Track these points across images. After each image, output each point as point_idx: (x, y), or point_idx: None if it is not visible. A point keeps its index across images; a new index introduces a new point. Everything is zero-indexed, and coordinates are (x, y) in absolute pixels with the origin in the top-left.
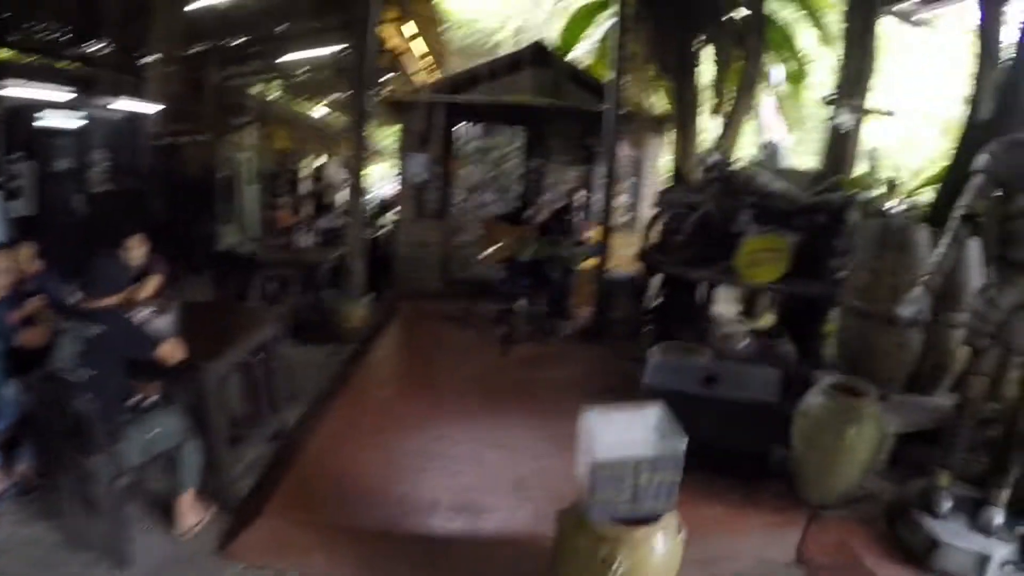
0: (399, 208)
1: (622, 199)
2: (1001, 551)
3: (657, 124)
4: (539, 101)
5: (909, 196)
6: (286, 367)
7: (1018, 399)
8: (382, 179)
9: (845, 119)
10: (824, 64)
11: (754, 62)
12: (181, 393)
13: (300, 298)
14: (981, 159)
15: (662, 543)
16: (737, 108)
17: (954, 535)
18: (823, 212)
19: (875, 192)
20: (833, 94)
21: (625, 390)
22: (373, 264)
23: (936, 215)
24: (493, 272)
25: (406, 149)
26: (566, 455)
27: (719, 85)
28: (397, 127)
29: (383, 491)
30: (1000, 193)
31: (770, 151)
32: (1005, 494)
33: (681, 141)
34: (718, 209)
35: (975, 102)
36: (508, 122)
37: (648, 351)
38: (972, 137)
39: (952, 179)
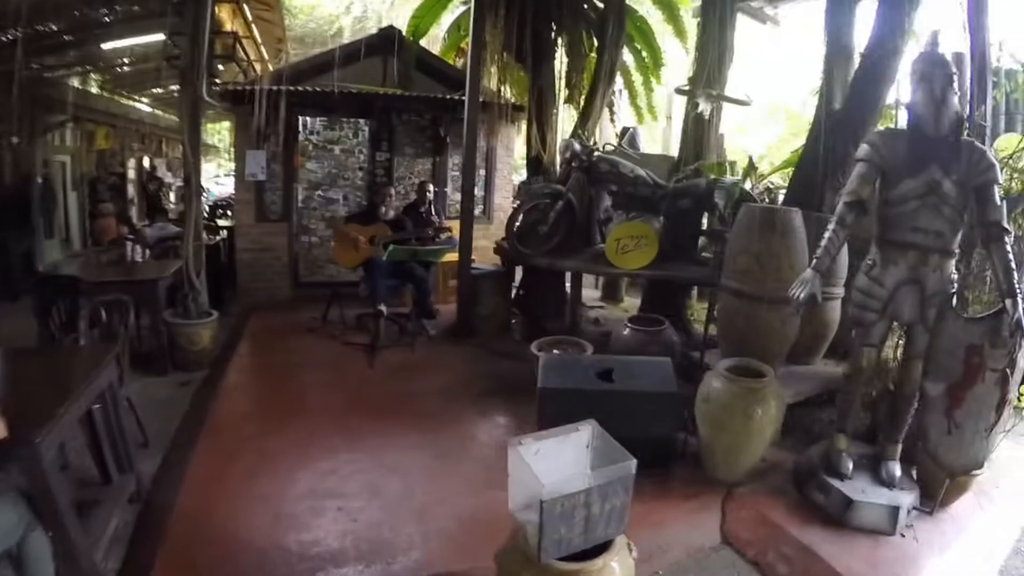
0: (238, 211)
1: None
2: (907, 499)
3: (511, 113)
4: (387, 90)
5: (762, 179)
6: (132, 411)
7: (902, 363)
8: (219, 179)
9: (704, 106)
10: (676, 56)
11: (611, 51)
12: (11, 477)
13: (138, 324)
14: (863, 149)
15: (619, 568)
16: (594, 97)
17: (863, 492)
18: (688, 197)
19: (733, 177)
20: (686, 85)
21: (510, 392)
22: (215, 275)
23: (794, 197)
24: (347, 274)
25: (244, 145)
26: (461, 471)
27: (574, 74)
28: (233, 121)
29: (278, 549)
30: (879, 180)
31: (629, 138)
32: (898, 448)
33: (538, 130)
34: (581, 198)
35: (826, 94)
36: (354, 113)
37: (529, 350)
38: (825, 127)
39: (805, 165)
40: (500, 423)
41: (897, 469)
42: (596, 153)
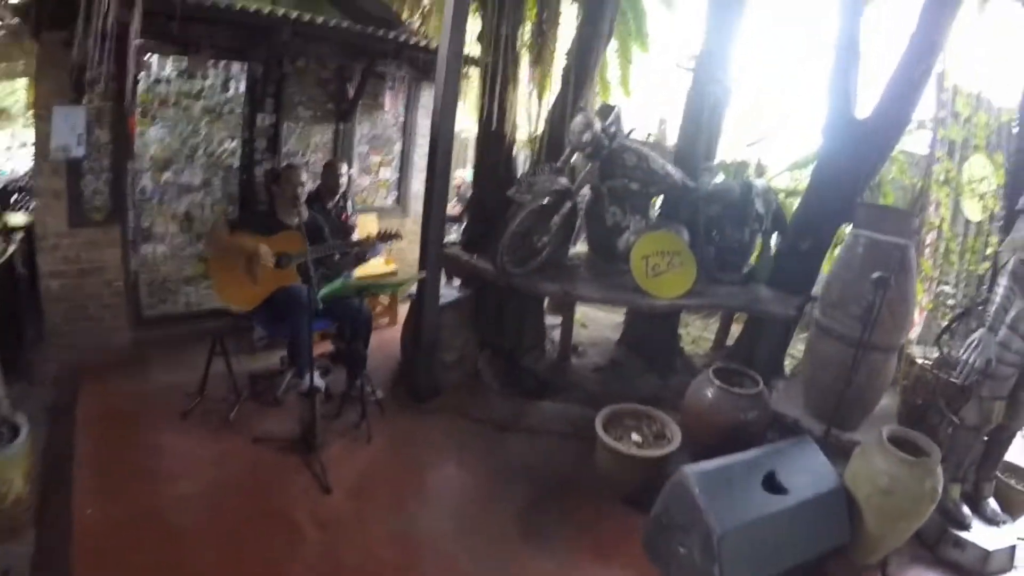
0: (40, 209)
1: (385, 174)
2: (1015, 532)
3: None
4: (286, 11)
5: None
6: None
7: (1011, 406)
8: (10, 151)
9: (717, 90)
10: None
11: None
12: None
13: None
14: None
15: None
16: (587, 58)
17: (992, 538)
18: (718, 203)
19: (761, 180)
20: (690, 60)
21: (557, 496)
22: (6, 314)
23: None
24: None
25: (49, 98)
26: None
27: (547, 26)
28: (36, 58)
29: None
30: None
31: (614, 120)
32: (994, 485)
33: (499, 96)
34: (597, 199)
35: (842, 97)
36: (226, 52)
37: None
38: (846, 135)
39: (826, 178)
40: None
41: (996, 505)
42: (619, 140)
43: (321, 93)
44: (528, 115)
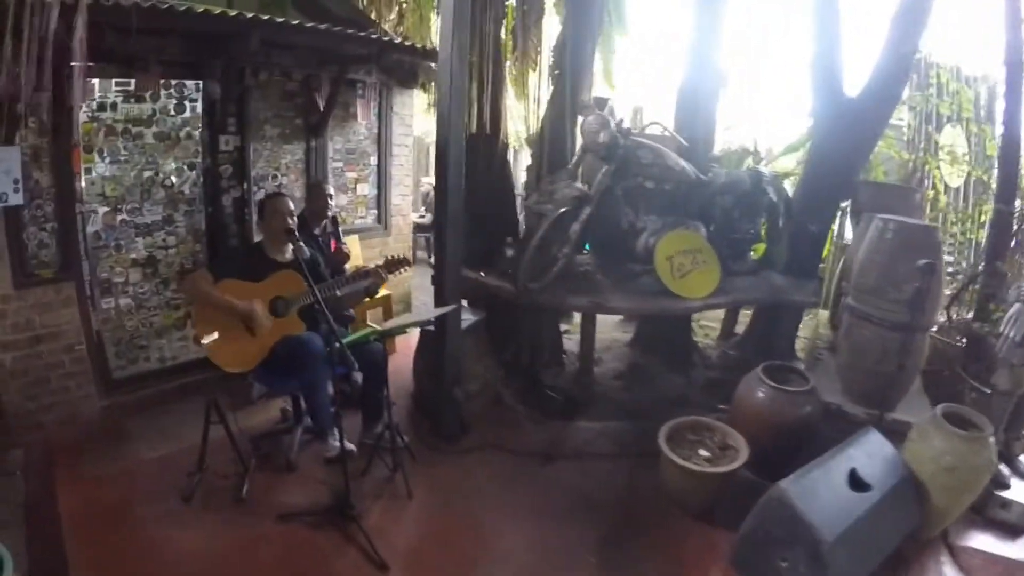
0: None
1: (363, 190)
2: None
3: (414, 66)
4: (251, 14)
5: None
6: None
7: None
8: None
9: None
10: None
11: None
12: None
13: None
14: None
15: None
16: (582, 52)
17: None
18: (730, 194)
19: (767, 169)
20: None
21: (626, 521)
22: None
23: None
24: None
25: None
26: None
27: (532, 17)
28: None
29: None
30: None
31: (609, 112)
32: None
33: (490, 96)
34: (614, 202)
35: (829, 77)
36: (177, 69)
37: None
38: (836, 114)
39: (822, 158)
40: None
41: None
42: (632, 137)
43: (288, 107)
44: (524, 117)
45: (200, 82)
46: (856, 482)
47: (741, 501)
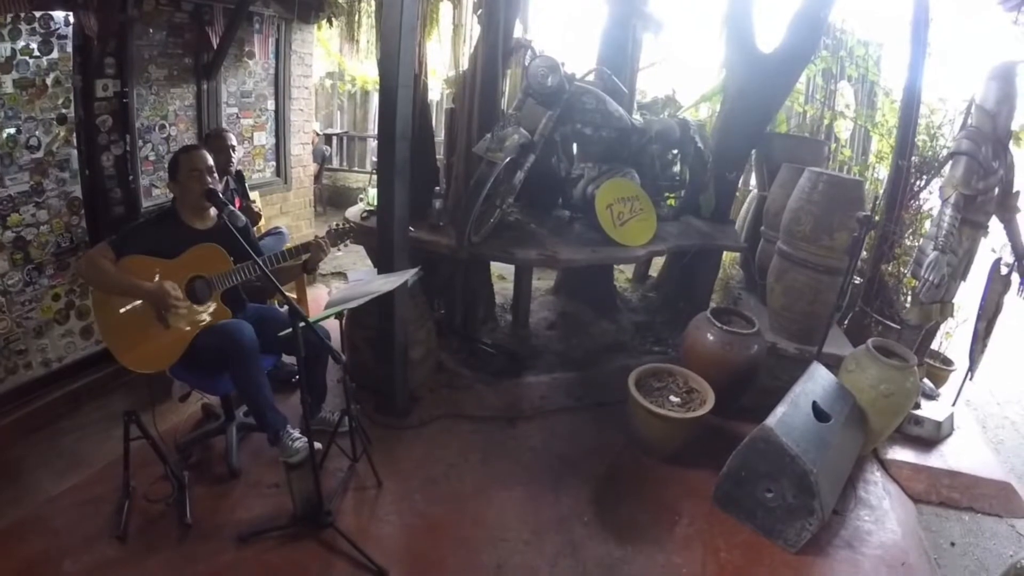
0: None
1: (260, 139)
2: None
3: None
4: None
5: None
6: None
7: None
8: None
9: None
10: None
11: None
12: None
13: None
14: (964, 144)
15: None
16: None
17: (937, 411)
18: (659, 142)
19: (687, 117)
20: None
21: (631, 484)
22: None
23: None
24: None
25: None
26: None
27: None
28: None
29: None
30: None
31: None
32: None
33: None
34: (557, 149)
35: (743, 33)
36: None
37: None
38: (748, 67)
39: (735, 112)
40: None
41: (929, 383)
42: (577, 83)
43: (176, 44)
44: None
45: (70, 13)
46: (819, 413)
47: (705, 441)
